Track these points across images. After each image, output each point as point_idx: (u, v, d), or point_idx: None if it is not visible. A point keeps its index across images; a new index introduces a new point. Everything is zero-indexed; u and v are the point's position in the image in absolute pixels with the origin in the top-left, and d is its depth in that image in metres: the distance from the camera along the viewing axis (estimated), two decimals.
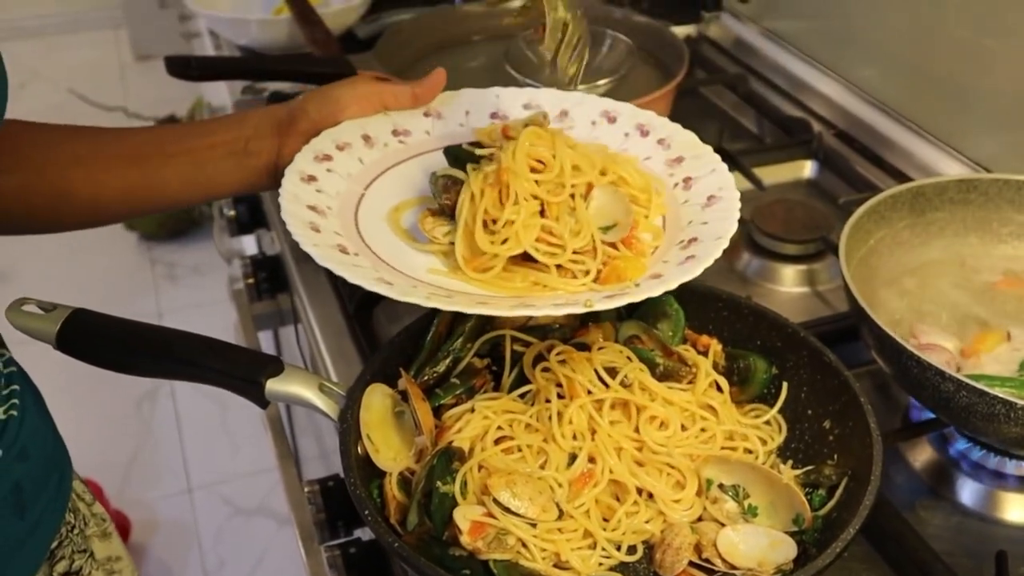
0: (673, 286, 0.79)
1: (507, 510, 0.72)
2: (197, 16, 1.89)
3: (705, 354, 0.88)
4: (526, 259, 0.84)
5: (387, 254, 0.87)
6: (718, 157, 0.97)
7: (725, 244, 0.84)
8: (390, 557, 0.89)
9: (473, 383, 0.84)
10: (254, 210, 1.47)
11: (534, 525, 0.73)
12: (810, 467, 0.81)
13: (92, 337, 0.83)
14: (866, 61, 1.46)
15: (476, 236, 0.84)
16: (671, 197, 0.93)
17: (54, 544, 0.89)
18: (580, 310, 0.77)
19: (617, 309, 0.89)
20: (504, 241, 0.84)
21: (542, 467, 0.77)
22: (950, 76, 1.31)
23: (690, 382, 0.84)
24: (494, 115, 1.04)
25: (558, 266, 0.84)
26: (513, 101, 1.05)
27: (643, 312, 0.91)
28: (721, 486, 0.78)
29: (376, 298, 1.08)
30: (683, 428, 0.81)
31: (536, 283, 0.84)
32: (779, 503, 0.76)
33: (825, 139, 1.39)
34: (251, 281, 1.40)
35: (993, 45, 1.23)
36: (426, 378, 0.85)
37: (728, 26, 1.72)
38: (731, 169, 1.29)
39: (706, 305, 0.91)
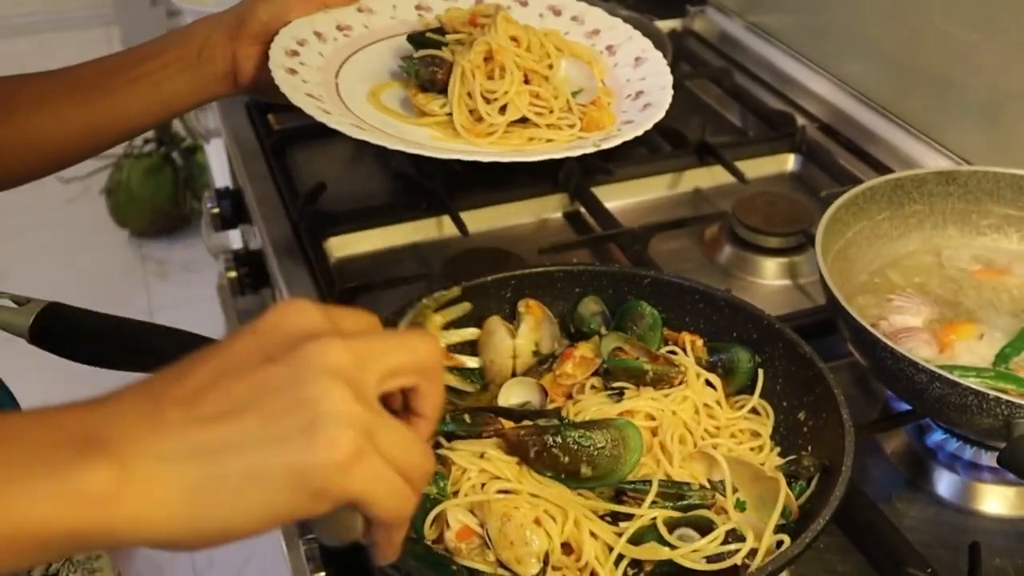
0: (649, 126, 0.98)
1: (488, 539, 0.71)
2: (184, 12, 1.89)
3: (685, 351, 0.88)
4: (517, 121, 0.99)
5: (390, 130, 0.98)
6: (630, 26, 1.13)
7: (671, 92, 1.03)
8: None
9: (481, 430, 0.81)
10: (237, 205, 1.47)
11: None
12: (791, 457, 0.81)
13: (65, 331, 0.83)
14: (850, 55, 1.46)
15: (480, 109, 0.98)
16: (604, 62, 1.09)
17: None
18: (591, 149, 0.94)
19: (603, 320, 0.92)
20: (502, 109, 0.98)
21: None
22: (934, 70, 1.31)
23: (681, 383, 0.84)
24: (418, 7, 1.15)
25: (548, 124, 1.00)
26: None
27: (619, 321, 0.91)
28: (709, 482, 0.78)
29: (356, 291, 1.08)
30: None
31: (532, 138, 0.99)
32: (767, 496, 0.76)
33: (808, 132, 1.39)
34: (234, 276, 1.40)
35: (977, 39, 1.23)
36: None
37: (713, 20, 1.72)
38: (712, 163, 1.32)
39: (682, 298, 0.91)
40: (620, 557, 0.71)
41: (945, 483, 0.90)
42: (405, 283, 1.11)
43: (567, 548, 0.71)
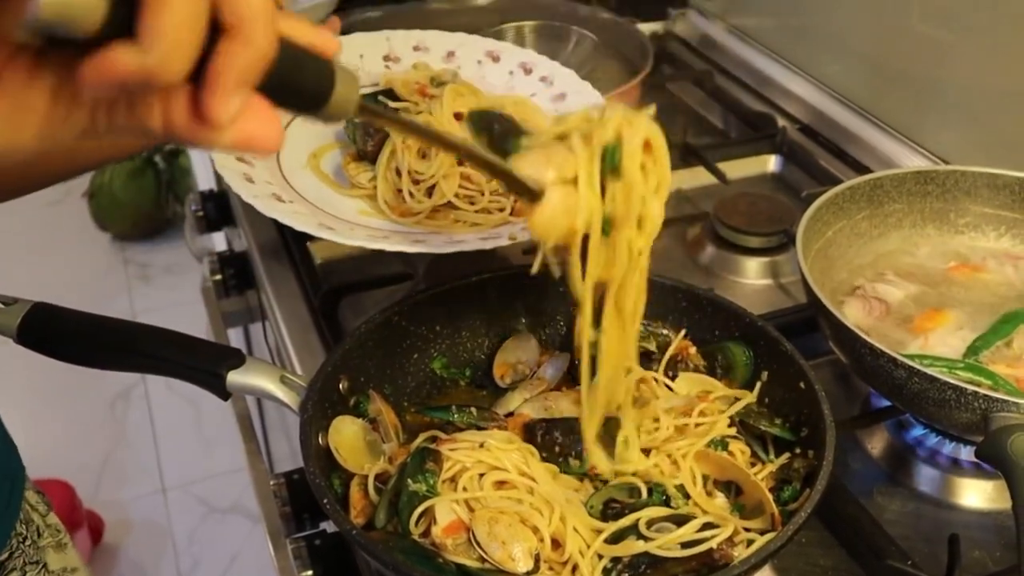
0: None
1: (477, 544, 0.72)
2: None
3: (684, 361, 0.89)
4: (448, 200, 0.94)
5: (316, 199, 0.94)
6: (598, 93, 1.07)
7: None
8: (353, 548, 0.89)
9: (489, 426, 0.84)
10: (221, 207, 1.47)
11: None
12: (783, 462, 0.81)
13: (53, 331, 0.83)
14: (830, 57, 1.47)
15: (405, 190, 0.93)
16: None
17: (4, 556, 0.88)
18: (506, 243, 0.87)
19: None
20: (430, 190, 0.93)
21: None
22: (911, 71, 1.32)
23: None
24: (386, 57, 1.11)
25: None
26: (403, 43, 1.14)
27: None
28: (715, 482, 0.80)
29: (341, 292, 1.08)
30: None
31: (457, 220, 0.94)
32: (765, 502, 0.76)
33: (789, 134, 1.41)
34: (219, 278, 1.40)
35: (953, 41, 1.25)
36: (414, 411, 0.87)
37: (695, 23, 1.74)
38: (695, 164, 1.33)
39: (665, 297, 0.92)
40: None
41: (925, 477, 0.91)
42: (390, 283, 1.11)
43: (554, 543, 0.72)
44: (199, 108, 0.43)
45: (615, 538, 0.72)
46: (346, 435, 0.80)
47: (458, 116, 0.97)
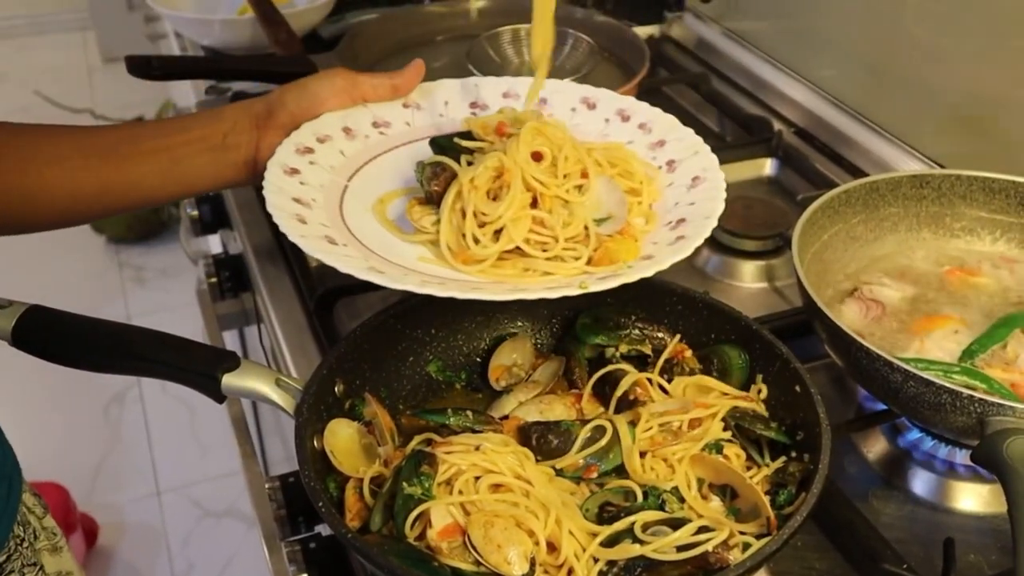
0: (665, 266, 0.82)
1: (473, 547, 0.72)
2: (162, 17, 1.89)
3: (680, 364, 0.89)
4: (517, 247, 0.86)
5: (376, 244, 0.89)
6: (700, 139, 1.00)
7: (714, 223, 0.87)
8: (348, 551, 0.89)
9: (484, 429, 0.83)
10: (217, 210, 1.47)
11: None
12: (778, 465, 0.81)
13: (48, 333, 0.83)
14: (826, 61, 1.48)
15: (469, 234, 0.86)
16: (660, 181, 0.96)
17: (2, 557, 0.88)
18: (575, 292, 0.80)
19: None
20: (496, 234, 0.86)
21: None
22: (907, 75, 1.33)
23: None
24: (473, 105, 1.06)
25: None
26: (492, 90, 1.07)
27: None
28: (711, 486, 0.79)
29: (336, 295, 1.08)
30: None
31: (527, 269, 0.86)
32: (761, 506, 0.76)
33: (785, 137, 1.41)
34: (214, 280, 1.40)
35: (949, 44, 1.25)
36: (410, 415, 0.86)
37: (690, 26, 1.74)
38: None
39: (661, 300, 0.92)
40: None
41: (920, 481, 0.91)
42: (385, 287, 1.11)
43: (549, 546, 0.72)
44: None
45: (611, 541, 0.72)
46: (341, 438, 0.80)
47: (536, 156, 0.89)
